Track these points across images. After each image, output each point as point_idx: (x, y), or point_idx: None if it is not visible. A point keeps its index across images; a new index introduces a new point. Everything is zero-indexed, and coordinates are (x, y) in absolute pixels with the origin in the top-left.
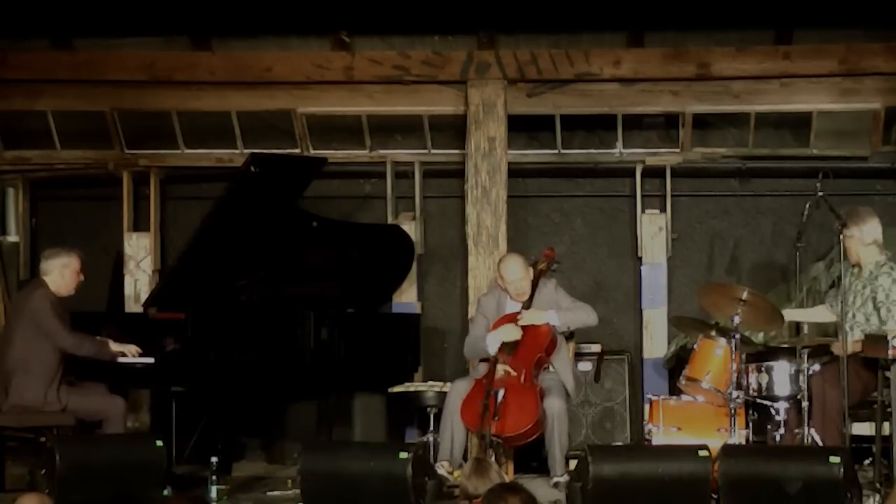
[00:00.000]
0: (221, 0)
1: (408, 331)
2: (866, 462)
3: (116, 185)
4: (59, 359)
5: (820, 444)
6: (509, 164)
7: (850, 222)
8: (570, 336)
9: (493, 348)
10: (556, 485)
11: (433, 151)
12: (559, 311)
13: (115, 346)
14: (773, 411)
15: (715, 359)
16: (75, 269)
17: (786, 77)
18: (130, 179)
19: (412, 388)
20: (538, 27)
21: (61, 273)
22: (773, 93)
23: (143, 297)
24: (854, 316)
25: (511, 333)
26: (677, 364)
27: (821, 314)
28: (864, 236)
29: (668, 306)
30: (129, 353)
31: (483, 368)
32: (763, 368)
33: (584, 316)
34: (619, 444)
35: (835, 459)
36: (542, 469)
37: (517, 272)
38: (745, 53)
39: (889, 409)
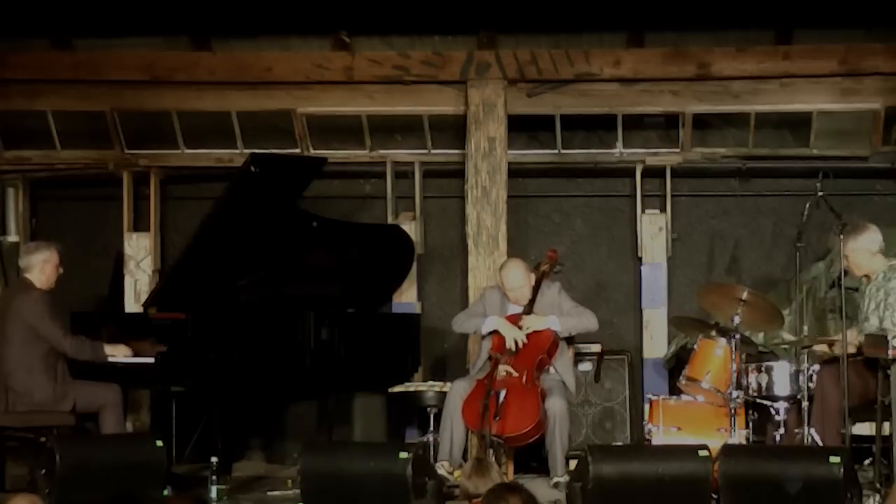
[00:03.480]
0: (221, 0)
1: (408, 331)
2: (866, 462)
3: (116, 185)
4: (58, 352)
5: (820, 444)
6: (509, 164)
7: (850, 236)
8: (570, 340)
9: (486, 329)
10: (556, 485)
11: (433, 151)
12: (561, 316)
13: (107, 349)
14: (773, 411)
15: (715, 359)
16: (55, 264)
17: (786, 77)
18: (130, 179)
19: (412, 388)
20: (538, 27)
21: (42, 269)
22: (773, 93)
23: (143, 297)
24: (868, 319)
25: (511, 332)
26: (677, 364)
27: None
28: (871, 245)
29: (668, 306)
30: (120, 354)
31: (481, 364)
32: (763, 368)
33: (585, 321)
34: (619, 444)
35: (835, 459)
36: (542, 469)
37: (518, 280)
38: (745, 53)
39: (889, 409)
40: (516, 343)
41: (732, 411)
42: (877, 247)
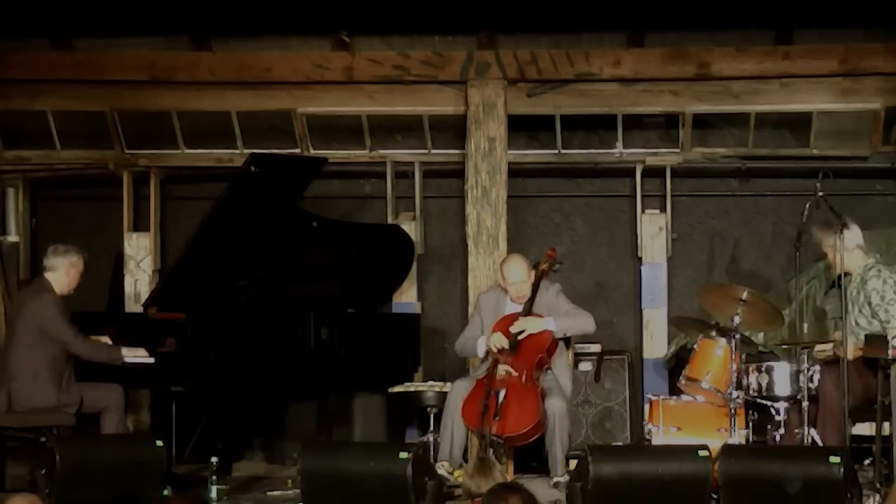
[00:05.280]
0: (221, 0)
1: (408, 331)
2: (866, 462)
3: (116, 185)
4: (67, 357)
5: (820, 444)
6: (509, 164)
7: (831, 235)
8: (567, 341)
9: (481, 351)
10: (556, 485)
11: (433, 151)
12: (557, 317)
13: (125, 351)
14: (773, 411)
15: (715, 359)
16: (80, 271)
17: (786, 77)
18: (130, 179)
19: (412, 388)
20: (538, 27)
21: (67, 272)
22: (773, 93)
23: (143, 297)
24: (857, 323)
25: (498, 341)
26: (677, 364)
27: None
28: (848, 243)
29: (668, 306)
30: (141, 356)
31: (484, 368)
32: (763, 368)
33: (582, 323)
34: (619, 444)
35: (835, 459)
36: (542, 469)
37: (519, 274)
38: (745, 53)
39: (889, 409)
40: (515, 340)
41: (732, 411)
42: (853, 244)
